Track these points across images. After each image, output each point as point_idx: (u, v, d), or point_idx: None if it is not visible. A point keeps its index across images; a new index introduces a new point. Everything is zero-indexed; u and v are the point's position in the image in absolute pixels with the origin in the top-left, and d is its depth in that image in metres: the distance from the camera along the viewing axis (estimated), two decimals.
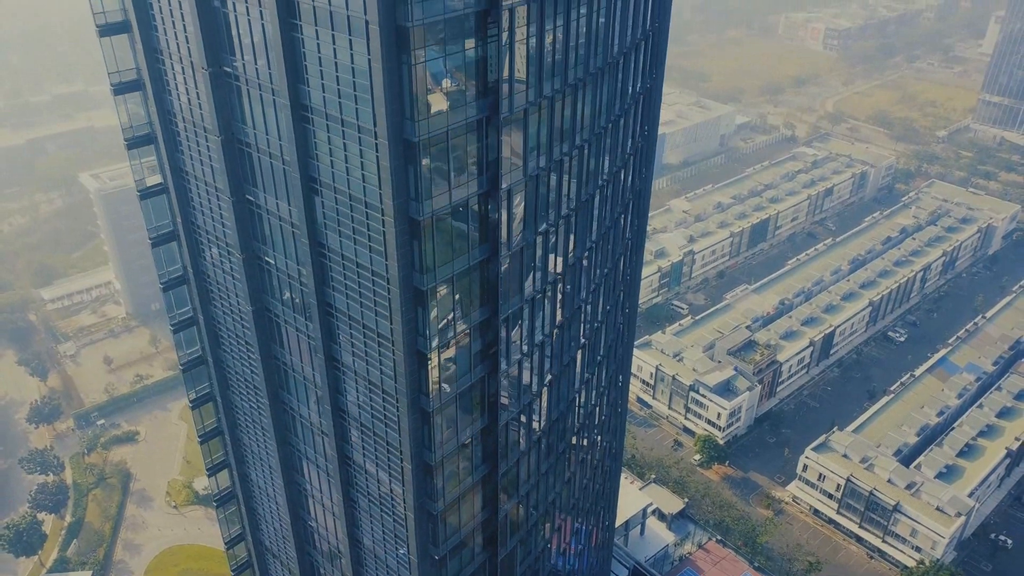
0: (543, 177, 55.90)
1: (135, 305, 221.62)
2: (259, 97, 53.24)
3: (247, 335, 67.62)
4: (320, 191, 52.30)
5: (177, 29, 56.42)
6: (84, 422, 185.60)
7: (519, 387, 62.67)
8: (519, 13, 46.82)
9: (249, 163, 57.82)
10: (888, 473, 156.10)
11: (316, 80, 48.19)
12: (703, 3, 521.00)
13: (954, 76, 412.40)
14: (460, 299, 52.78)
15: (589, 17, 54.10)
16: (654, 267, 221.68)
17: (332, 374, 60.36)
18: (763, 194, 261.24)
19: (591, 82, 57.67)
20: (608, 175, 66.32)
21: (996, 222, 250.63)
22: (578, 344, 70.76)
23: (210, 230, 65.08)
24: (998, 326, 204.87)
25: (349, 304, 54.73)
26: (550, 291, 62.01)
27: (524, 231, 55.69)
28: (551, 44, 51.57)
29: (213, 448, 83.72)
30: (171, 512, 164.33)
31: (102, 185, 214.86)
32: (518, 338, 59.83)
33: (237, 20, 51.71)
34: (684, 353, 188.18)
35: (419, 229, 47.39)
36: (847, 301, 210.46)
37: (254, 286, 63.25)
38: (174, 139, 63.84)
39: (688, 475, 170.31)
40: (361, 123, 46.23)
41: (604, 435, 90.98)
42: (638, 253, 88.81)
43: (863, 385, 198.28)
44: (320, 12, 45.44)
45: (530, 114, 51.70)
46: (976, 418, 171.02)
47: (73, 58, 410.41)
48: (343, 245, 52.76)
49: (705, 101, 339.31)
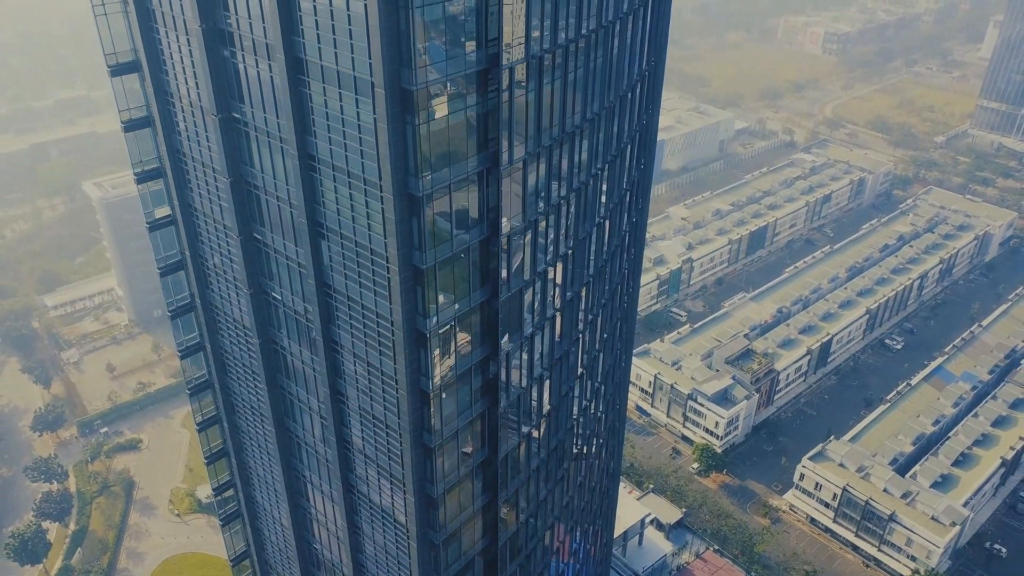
0: (542, 220, 57.59)
1: (137, 312, 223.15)
2: (267, 144, 54.88)
3: (254, 364, 69.28)
4: (327, 236, 53.97)
5: (187, 75, 57.98)
6: (87, 430, 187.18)
7: (519, 418, 64.26)
8: (518, 71, 48.46)
9: (257, 204, 59.45)
10: (884, 482, 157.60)
11: (323, 133, 49.82)
12: (703, 6, 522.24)
13: (952, 81, 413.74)
14: (461, 339, 54.37)
15: (586, 69, 55.72)
16: (653, 275, 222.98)
17: (337, 407, 62.03)
18: (761, 201, 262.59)
19: (589, 128, 59.33)
20: (605, 211, 67.91)
21: (993, 229, 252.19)
22: (575, 374, 72.41)
23: (217, 263, 66.69)
24: (994, 335, 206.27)
25: (354, 343, 56.36)
26: (548, 326, 63.61)
27: (523, 272, 57.33)
28: (549, 97, 53.15)
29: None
30: (174, 520, 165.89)
31: (105, 194, 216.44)
32: (518, 374, 61.45)
33: (247, 71, 53.31)
34: (682, 362, 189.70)
35: (422, 276, 49.07)
36: (844, 309, 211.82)
37: (261, 319, 64.86)
38: (183, 175, 65.45)
39: (686, 484, 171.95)
40: (367, 176, 47.91)
41: (603, 454, 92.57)
42: (636, 272, 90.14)
43: (860, 393, 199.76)
44: (327, 71, 47.10)
45: (529, 164, 53.38)
46: (971, 427, 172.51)
47: (75, 62, 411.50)
48: (348, 287, 54.38)
49: (704, 107, 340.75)
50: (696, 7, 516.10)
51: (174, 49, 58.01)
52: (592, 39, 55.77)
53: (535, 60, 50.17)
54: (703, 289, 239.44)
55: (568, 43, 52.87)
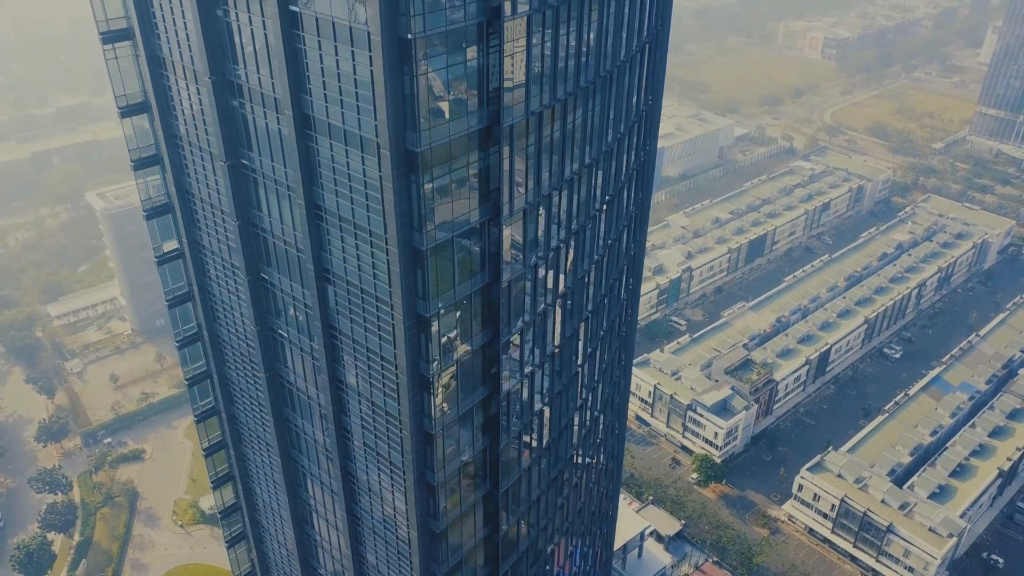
0: (541, 264, 59.11)
1: (140, 321, 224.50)
2: (275, 191, 56.31)
3: (260, 396, 70.73)
4: (333, 281, 55.40)
5: (196, 121, 59.46)
6: (91, 440, 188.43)
7: (520, 408, 64.87)
8: (518, 127, 50.09)
9: (264, 246, 60.86)
10: (882, 494, 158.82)
11: (330, 186, 51.31)
12: (702, 11, 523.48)
13: (952, 86, 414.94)
14: (461, 382, 55.82)
15: (584, 117, 57.15)
16: (652, 284, 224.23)
17: (343, 443, 63.48)
18: (761, 209, 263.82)
19: (587, 173, 60.85)
20: (604, 247, 69.18)
21: (991, 237, 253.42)
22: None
23: (225, 300, 68.13)
24: (991, 344, 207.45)
25: (359, 383, 57.81)
26: (548, 363, 65.06)
27: (524, 313, 58.80)
28: (549, 148, 54.66)
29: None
30: (177, 531, 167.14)
31: (108, 204, 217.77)
32: (518, 408, 62.83)
33: (255, 121, 54.72)
34: (682, 372, 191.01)
35: (426, 323, 50.54)
36: (843, 318, 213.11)
37: (268, 355, 66.29)
38: (191, 214, 66.90)
39: (685, 494, 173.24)
40: (372, 229, 49.38)
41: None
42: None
43: (858, 402, 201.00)
44: (335, 129, 48.58)
45: (529, 213, 54.83)
46: (969, 438, 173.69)
47: (76, 68, 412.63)
48: (354, 331, 55.84)
49: (704, 114, 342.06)
50: (696, 12, 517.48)
51: (183, 96, 59.46)
52: (590, 89, 57.15)
53: (534, 116, 51.65)
54: (702, 298, 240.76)
55: (567, 96, 54.30)
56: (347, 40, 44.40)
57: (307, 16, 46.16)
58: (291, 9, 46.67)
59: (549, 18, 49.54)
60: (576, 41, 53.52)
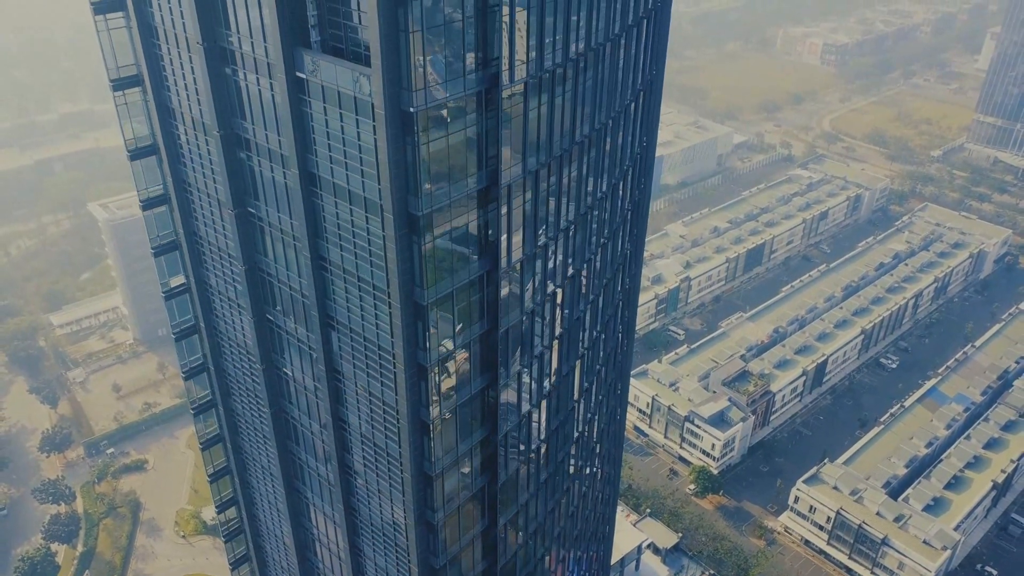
0: (539, 312, 60.95)
1: (142, 330, 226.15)
2: (281, 240, 58.01)
3: (265, 429, 72.49)
4: (336, 328, 57.16)
5: (205, 171, 61.28)
6: (94, 450, 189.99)
7: (517, 492, 66.85)
8: (515, 187, 51.95)
9: (270, 290, 62.59)
10: (877, 506, 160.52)
11: (335, 240, 53.06)
12: (701, 16, 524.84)
13: (950, 93, 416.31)
14: (462, 425, 57.59)
15: (580, 173, 58.97)
16: (651, 293, 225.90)
17: (346, 480, 65.26)
18: (759, 218, 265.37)
19: (580, 223, 62.73)
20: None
21: (988, 247, 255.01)
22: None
23: (231, 336, 69.83)
24: (987, 355, 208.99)
25: (361, 424, 59.57)
26: (545, 401, 66.89)
27: (521, 358, 60.62)
28: (545, 203, 56.51)
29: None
30: (179, 542, 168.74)
31: (111, 215, 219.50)
32: (515, 450, 64.59)
33: (262, 174, 56.46)
34: (680, 383, 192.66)
35: (426, 373, 52.33)
36: (840, 329, 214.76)
37: (273, 391, 68.02)
38: (198, 255, 68.65)
39: (683, 506, 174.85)
40: (375, 283, 51.14)
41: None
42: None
43: (855, 413, 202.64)
44: (339, 188, 50.36)
45: (526, 264, 56.65)
46: (964, 450, 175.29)
47: (78, 74, 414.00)
48: (357, 375, 57.60)
49: (703, 121, 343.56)
50: (695, 18, 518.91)
51: (192, 145, 61.11)
52: (585, 143, 58.77)
53: (531, 175, 53.46)
54: (701, 307, 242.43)
55: (563, 152, 56.07)
56: (351, 108, 46.14)
57: (313, 83, 47.92)
58: (298, 75, 48.41)
59: (546, 83, 51.26)
60: (572, 102, 55.27)
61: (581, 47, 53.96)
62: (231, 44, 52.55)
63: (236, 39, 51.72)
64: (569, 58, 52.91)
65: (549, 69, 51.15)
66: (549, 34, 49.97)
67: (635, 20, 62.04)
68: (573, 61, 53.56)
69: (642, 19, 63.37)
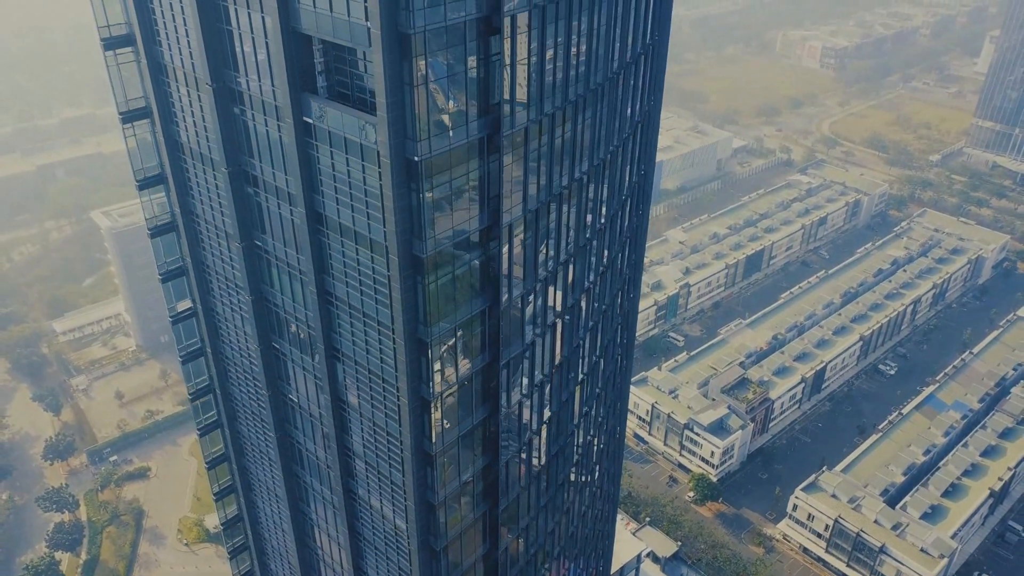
0: (539, 343, 62.24)
1: (144, 337, 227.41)
2: (287, 273, 59.28)
3: (270, 452, 73.77)
4: (342, 359, 58.47)
5: (214, 205, 62.51)
6: (97, 458, 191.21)
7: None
8: (516, 225, 53.32)
9: (276, 320, 63.87)
10: (875, 514, 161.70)
11: (340, 276, 54.30)
12: (701, 20, 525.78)
13: (949, 97, 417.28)
14: (464, 454, 58.88)
15: (578, 216, 60.32)
16: (651, 300, 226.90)
17: (349, 502, 66.56)
18: (758, 224, 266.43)
19: (579, 256, 64.06)
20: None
21: (986, 253, 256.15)
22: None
23: (237, 362, 71.10)
24: (985, 362, 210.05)
25: (366, 452, 60.86)
26: (549, 423, 68.19)
27: (521, 387, 61.94)
28: (544, 245, 57.87)
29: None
30: (183, 550, 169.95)
31: (113, 223, 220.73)
32: (517, 473, 65.82)
33: (269, 208, 57.71)
34: (679, 390, 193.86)
35: (429, 405, 53.66)
36: (838, 336, 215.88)
37: (278, 416, 69.31)
38: (206, 283, 69.89)
39: (682, 513, 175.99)
40: (380, 320, 52.43)
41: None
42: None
43: (853, 420, 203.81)
44: (345, 228, 51.69)
45: (526, 298, 57.97)
46: (961, 458, 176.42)
47: (80, 78, 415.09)
48: (361, 406, 58.90)
49: (703, 126, 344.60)
50: (695, 21, 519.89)
51: (200, 179, 62.33)
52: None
53: (531, 213, 54.80)
54: (700, 313, 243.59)
55: (553, 195, 57.42)
56: (358, 154, 47.38)
57: (320, 128, 49.17)
58: (305, 120, 49.66)
59: (546, 125, 52.54)
60: (571, 141, 56.62)
61: (580, 89, 55.24)
62: (239, 85, 53.83)
63: (244, 81, 53.00)
64: (568, 100, 54.19)
65: (549, 112, 52.40)
66: (549, 78, 51.20)
67: (633, 57, 63.31)
68: (572, 103, 54.84)
69: (640, 55, 64.64)
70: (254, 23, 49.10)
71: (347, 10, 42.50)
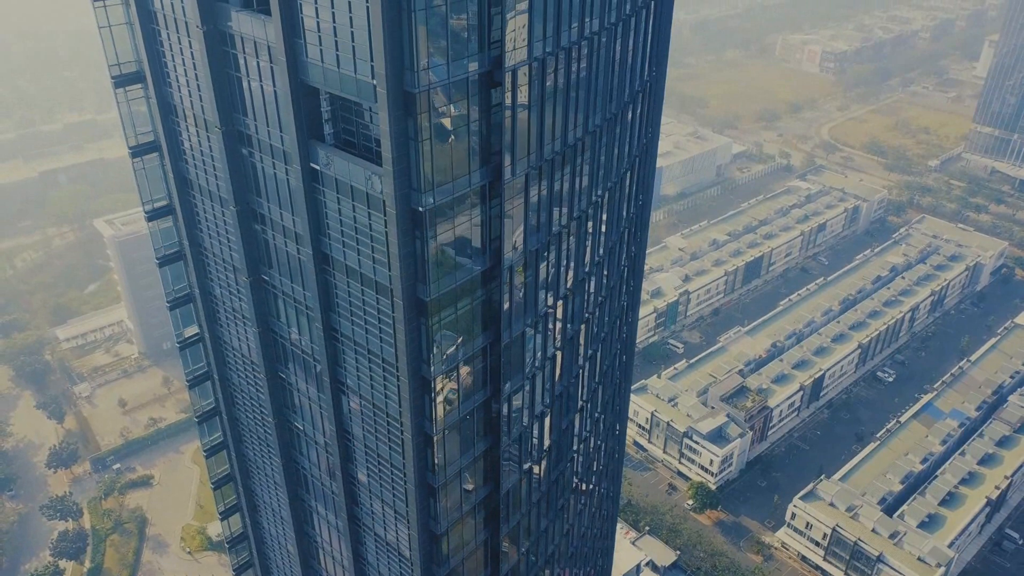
0: (539, 374, 63.75)
1: (147, 344, 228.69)
2: (294, 308, 60.70)
3: (276, 477, 75.20)
4: (347, 393, 59.91)
5: (222, 241, 63.93)
6: (100, 466, 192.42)
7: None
8: (517, 272, 54.73)
9: (283, 351, 65.29)
10: (873, 523, 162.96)
11: (346, 315, 55.69)
12: (701, 23, 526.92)
13: (948, 101, 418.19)
14: (466, 486, 60.27)
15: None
16: (650, 307, 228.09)
17: (355, 531, 67.95)
18: (758, 230, 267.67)
19: (579, 289, 65.57)
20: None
21: (984, 260, 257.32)
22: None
23: (244, 390, 72.50)
24: (982, 370, 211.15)
25: (370, 483, 62.28)
26: (549, 452, 69.63)
27: (522, 420, 63.48)
28: (542, 284, 59.45)
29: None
30: (186, 558, 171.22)
31: (116, 232, 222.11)
32: (518, 504, 67.14)
33: (276, 247, 59.15)
34: (679, 398, 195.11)
35: (431, 441, 55.14)
36: (837, 343, 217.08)
37: (283, 442, 70.71)
38: (213, 312, 71.32)
39: (681, 522, 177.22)
40: (385, 358, 53.87)
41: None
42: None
43: (852, 427, 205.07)
44: (351, 270, 53.10)
45: (527, 335, 59.42)
46: (958, 466, 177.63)
47: (82, 83, 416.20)
48: (366, 438, 60.36)
49: (702, 132, 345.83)
50: (695, 24, 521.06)
51: (208, 214, 63.76)
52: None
53: (532, 253, 56.25)
54: (700, 320, 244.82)
55: (561, 229, 58.93)
56: (364, 202, 48.75)
57: (327, 175, 50.54)
58: (312, 166, 51.05)
59: (546, 171, 54.02)
60: (569, 185, 58.09)
61: (579, 132, 56.61)
62: (248, 128, 55.18)
63: (253, 125, 54.36)
64: (568, 145, 55.56)
65: (548, 158, 53.77)
66: (548, 124, 52.55)
67: (631, 96, 64.65)
68: (571, 147, 56.21)
69: (638, 93, 66.03)
70: (263, 72, 50.48)
71: (354, 68, 43.89)
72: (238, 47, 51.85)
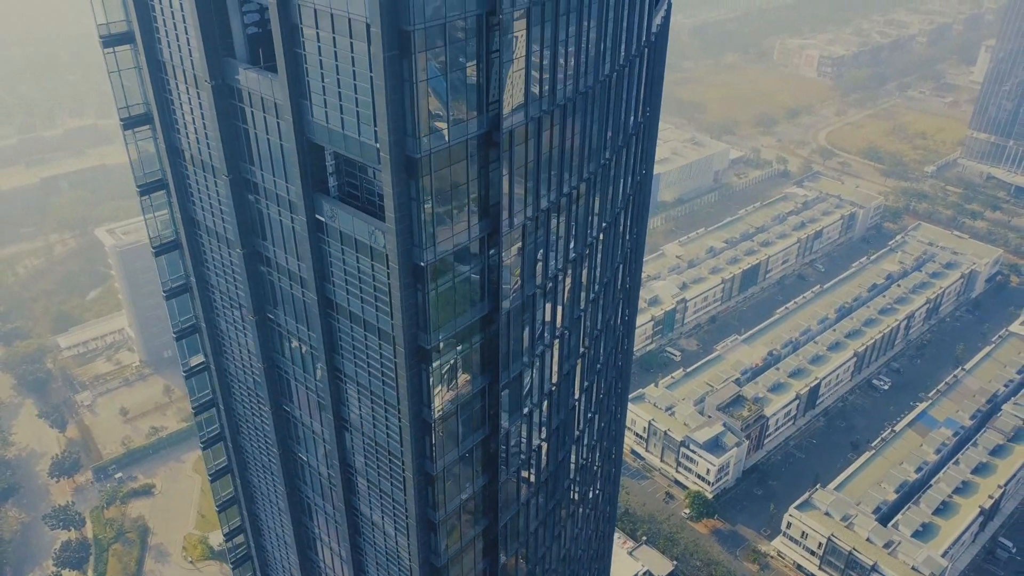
0: (535, 411, 65.62)
1: (148, 352, 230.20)
2: (299, 349, 62.47)
3: (280, 504, 76.99)
4: (350, 430, 61.65)
5: (228, 282, 65.56)
6: (102, 475, 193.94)
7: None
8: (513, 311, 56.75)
9: (287, 385, 67.06)
10: (867, 532, 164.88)
11: (350, 357, 57.41)
12: (699, 27, 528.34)
13: (945, 106, 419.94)
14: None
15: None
16: (648, 315, 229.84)
17: (358, 558, 69.73)
18: (755, 238, 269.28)
19: (574, 327, 67.18)
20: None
21: (979, 267, 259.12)
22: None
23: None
24: (977, 378, 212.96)
25: (368, 471, 63.37)
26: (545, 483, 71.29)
27: (520, 453, 65.25)
28: (544, 315, 61.07)
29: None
30: (187, 567, 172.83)
31: (117, 241, 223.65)
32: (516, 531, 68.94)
33: (281, 288, 60.84)
34: (676, 407, 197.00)
35: (432, 480, 56.97)
36: (833, 351, 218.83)
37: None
38: (220, 346, 73.05)
39: (678, 530, 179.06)
40: (387, 399, 55.64)
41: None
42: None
43: (847, 435, 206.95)
44: (355, 316, 54.80)
45: (524, 373, 61.23)
46: (952, 475, 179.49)
47: (83, 88, 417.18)
48: (368, 472, 62.13)
49: (700, 137, 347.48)
50: (693, 28, 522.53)
51: (215, 253, 65.43)
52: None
53: (530, 299, 58.03)
54: (697, 327, 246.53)
55: (558, 271, 60.67)
56: (367, 254, 50.36)
57: (332, 227, 52.24)
58: (317, 218, 52.75)
59: (542, 220, 55.84)
60: (565, 231, 59.86)
61: (575, 182, 58.42)
62: (254, 176, 56.85)
63: (259, 174, 56.03)
64: (564, 194, 57.29)
65: (544, 209, 55.50)
66: (544, 177, 54.32)
67: (625, 140, 66.43)
68: (567, 196, 57.94)
69: (632, 136, 67.78)
70: (269, 127, 52.11)
71: (358, 131, 45.53)
72: (245, 101, 53.49)
